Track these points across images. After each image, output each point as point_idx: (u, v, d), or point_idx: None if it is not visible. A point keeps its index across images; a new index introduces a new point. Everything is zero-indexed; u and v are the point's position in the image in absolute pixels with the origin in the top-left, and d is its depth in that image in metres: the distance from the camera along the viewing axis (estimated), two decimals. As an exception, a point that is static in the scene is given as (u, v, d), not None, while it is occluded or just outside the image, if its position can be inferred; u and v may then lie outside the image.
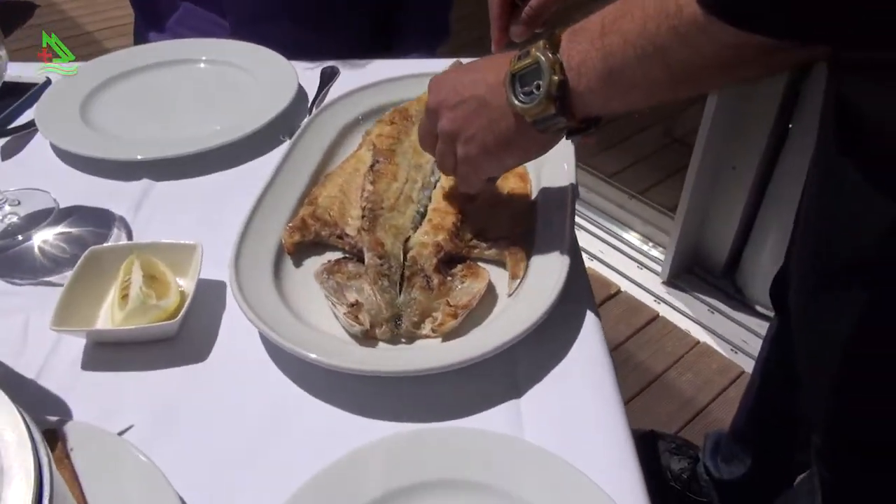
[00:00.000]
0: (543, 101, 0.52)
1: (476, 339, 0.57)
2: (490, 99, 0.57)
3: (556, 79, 0.51)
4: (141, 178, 0.80)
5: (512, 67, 0.55)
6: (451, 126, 0.60)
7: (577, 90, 0.52)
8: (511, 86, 0.55)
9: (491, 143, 0.58)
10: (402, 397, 0.56)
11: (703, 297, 1.80)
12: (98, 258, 0.64)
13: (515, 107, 0.54)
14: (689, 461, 1.35)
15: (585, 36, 0.51)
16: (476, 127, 0.58)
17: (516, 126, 0.56)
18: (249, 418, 0.56)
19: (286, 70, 0.94)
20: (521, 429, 0.54)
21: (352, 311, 0.58)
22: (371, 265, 0.62)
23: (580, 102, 0.52)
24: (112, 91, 0.94)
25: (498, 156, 0.59)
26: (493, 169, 0.62)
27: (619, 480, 0.51)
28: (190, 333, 0.62)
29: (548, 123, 0.55)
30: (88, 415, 0.55)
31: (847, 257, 0.69)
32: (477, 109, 0.58)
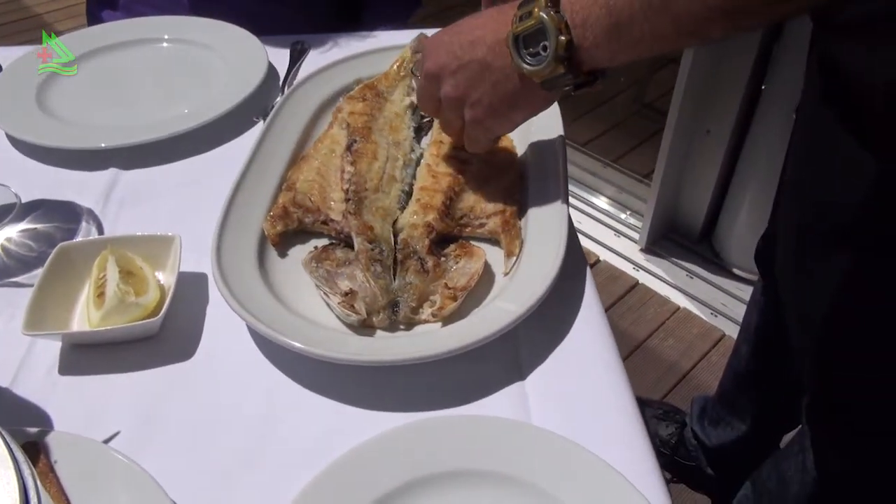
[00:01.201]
0: (552, 62, 0.52)
1: (477, 322, 0.55)
2: (492, 60, 0.57)
3: (563, 39, 0.51)
4: (108, 168, 0.76)
5: (514, 29, 0.54)
6: (456, 91, 0.60)
7: (583, 46, 0.51)
8: (515, 47, 0.54)
9: (497, 104, 0.58)
10: (402, 387, 0.54)
11: (681, 263, 1.81)
12: (69, 255, 0.61)
13: (523, 69, 0.54)
14: (677, 426, 1.36)
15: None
16: (481, 91, 0.58)
17: (522, 86, 0.56)
18: (242, 417, 0.53)
19: (255, 47, 0.90)
20: (528, 412, 0.52)
21: (346, 300, 0.55)
22: (362, 251, 0.59)
23: (587, 58, 0.52)
24: (71, 76, 0.88)
25: (506, 115, 0.60)
26: (502, 127, 0.63)
27: (631, 458, 0.49)
28: (173, 330, 0.59)
29: (556, 82, 0.54)
30: (71, 423, 0.52)
31: (835, 221, 0.69)
32: (480, 72, 0.58)
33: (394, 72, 0.80)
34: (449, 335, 0.54)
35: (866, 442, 0.82)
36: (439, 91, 0.61)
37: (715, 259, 1.80)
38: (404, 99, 0.78)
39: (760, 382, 1.12)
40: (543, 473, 0.47)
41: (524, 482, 0.47)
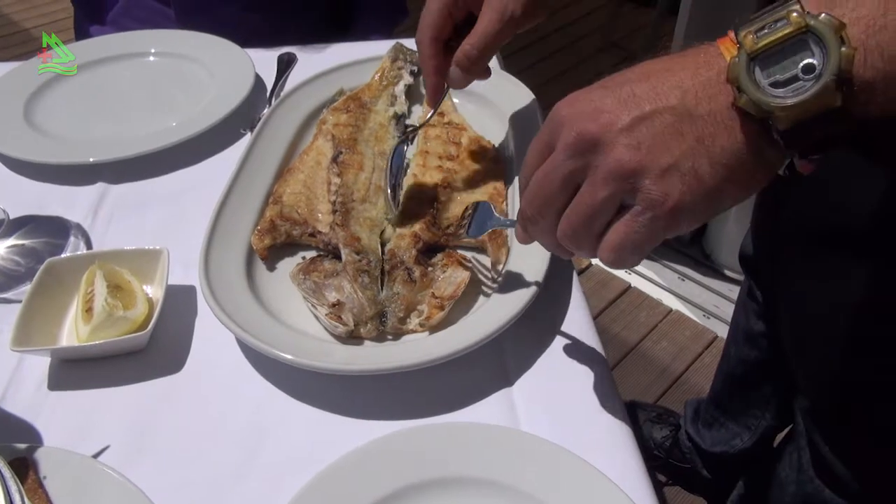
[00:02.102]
0: (830, 86, 0.34)
1: (464, 330, 0.55)
2: (694, 107, 0.38)
3: (847, 51, 0.34)
4: (96, 182, 0.76)
5: (750, 46, 0.36)
6: (633, 157, 0.38)
7: (863, 77, 0.34)
8: (749, 75, 0.36)
9: (706, 172, 0.38)
10: (391, 395, 0.55)
11: (672, 266, 1.81)
12: (57, 270, 0.61)
13: (767, 104, 0.35)
14: (671, 429, 1.36)
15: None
16: (677, 151, 0.38)
17: (747, 141, 0.37)
18: (232, 428, 0.53)
19: (241, 59, 0.90)
20: (516, 418, 0.53)
21: (334, 311, 0.56)
22: (349, 262, 0.59)
23: (864, 97, 0.35)
24: (56, 91, 0.89)
25: (717, 191, 0.38)
26: (696, 218, 0.40)
27: (619, 463, 0.50)
28: (162, 343, 0.59)
29: (812, 131, 0.36)
30: (60, 438, 0.52)
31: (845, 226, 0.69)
32: (675, 125, 0.38)
33: (376, 82, 0.81)
34: (436, 343, 0.54)
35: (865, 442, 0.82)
36: (591, 166, 0.40)
37: (706, 261, 1.81)
38: (388, 109, 0.78)
39: (751, 383, 1.13)
40: (532, 479, 0.47)
41: (513, 488, 0.47)
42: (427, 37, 0.60)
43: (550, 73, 2.56)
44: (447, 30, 0.61)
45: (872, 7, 0.34)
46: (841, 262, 0.70)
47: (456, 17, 0.60)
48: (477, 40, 0.59)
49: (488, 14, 0.58)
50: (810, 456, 0.89)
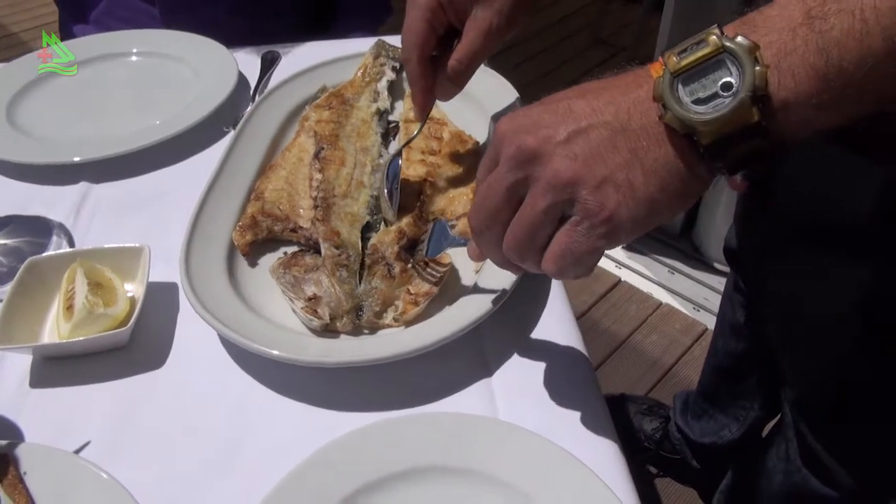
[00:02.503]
0: (746, 102, 0.36)
1: (439, 322, 0.55)
2: (627, 122, 0.40)
3: (760, 69, 0.36)
4: (79, 182, 0.76)
5: (673, 66, 0.38)
6: (570, 167, 0.40)
7: (777, 97, 0.36)
8: (672, 92, 0.38)
9: (640, 182, 0.39)
10: (372, 387, 0.55)
11: (662, 259, 1.82)
12: (38, 269, 0.61)
13: (689, 120, 0.37)
14: (661, 421, 1.37)
15: (773, 25, 0.37)
16: (613, 164, 0.39)
17: (676, 154, 0.39)
18: (214, 423, 0.54)
19: (225, 58, 0.90)
20: (495, 407, 0.53)
21: (310, 304, 0.56)
22: (328, 256, 0.60)
23: (779, 116, 0.37)
24: (39, 91, 0.89)
25: (651, 202, 0.40)
26: (634, 228, 0.41)
27: (597, 450, 0.50)
28: (144, 340, 0.59)
29: (730, 147, 0.38)
30: (42, 435, 0.53)
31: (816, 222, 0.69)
32: (609, 138, 0.40)
33: (358, 79, 0.81)
34: (414, 334, 0.55)
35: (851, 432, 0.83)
36: (531, 178, 0.41)
37: (695, 254, 1.82)
38: (370, 105, 0.78)
39: (738, 375, 1.14)
40: (510, 467, 0.48)
41: (492, 477, 0.47)
42: (415, 56, 0.61)
43: (540, 70, 2.57)
44: (432, 46, 0.61)
45: (782, 32, 0.36)
46: (825, 257, 0.71)
47: (438, 32, 0.61)
48: (464, 56, 0.60)
49: (473, 29, 0.59)
50: (797, 446, 0.90)
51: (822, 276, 0.72)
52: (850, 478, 0.84)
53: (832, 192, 0.69)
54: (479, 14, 0.59)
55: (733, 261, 1.05)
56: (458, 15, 0.60)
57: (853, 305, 0.70)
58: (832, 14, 0.35)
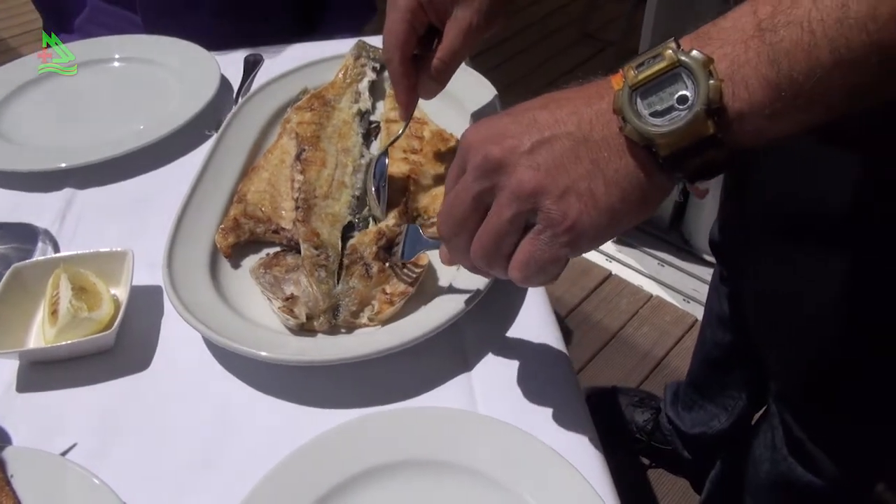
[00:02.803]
0: (700, 116, 0.37)
1: (417, 320, 0.56)
2: (589, 133, 0.41)
3: (714, 83, 0.37)
4: (63, 188, 0.77)
5: (631, 79, 0.39)
6: (534, 177, 0.41)
7: (732, 108, 0.37)
8: (631, 105, 0.39)
9: (601, 192, 0.40)
10: (353, 383, 0.56)
11: (652, 252, 1.83)
12: (23, 275, 0.62)
13: (648, 132, 0.38)
14: (652, 412, 1.38)
15: (726, 37, 0.38)
16: (575, 174, 0.40)
17: (637, 165, 0.40)
18: (198, 423, 0.55)
19: (207, 61, 0.91)
20: (474, 401, 0.54)
21: (287, 304, 0.57)
22: (307, 256, 0.61)
23: (734, 126, 0.38)
24: (22, 99, 0.89)
25: (612, 211, 0.41)
26: (596, 237, 0.42)
27: (575, 443, 0.51)
28: (128, 343, 0.60)
29: (688, 158, 0.39)
30: (29, 438, 0.53)
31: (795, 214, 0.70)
32: (572, 149, 0.41)
33: (339, 80, 0.82)
34: (393, 332, 0.56)
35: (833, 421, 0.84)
36: (497, 187, 0.42)
37: (685, 246, 1.83)
38: (352, 106, 0.79)
39: (726, 365, 1.15)
40: (489, 461, 0.49)
41: (471, 470, 0.48)
42: (396, 57, 0.62)
43: (529, 65, 2.58)
44: (413, 46, 0.62)
45: (736, 45, 0.37)
46: (802, 250, 0.71)
47: (419, 32, 0.62)
48: (445, 54, 0.61)
49: (454, 29, 0.60)
50: (783, 436, 0.91)
51: (799, 270, 0.73)
52: (834, 466, 0.86)
53: (806, 186, 0.70)
54: (459, 13, 0.60)
55: (717, 253, 1.06)
56: (439, 15, 0.61)
57: (830, 299, 0.71)
58: (782, 26, 0.36)
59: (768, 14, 0.36)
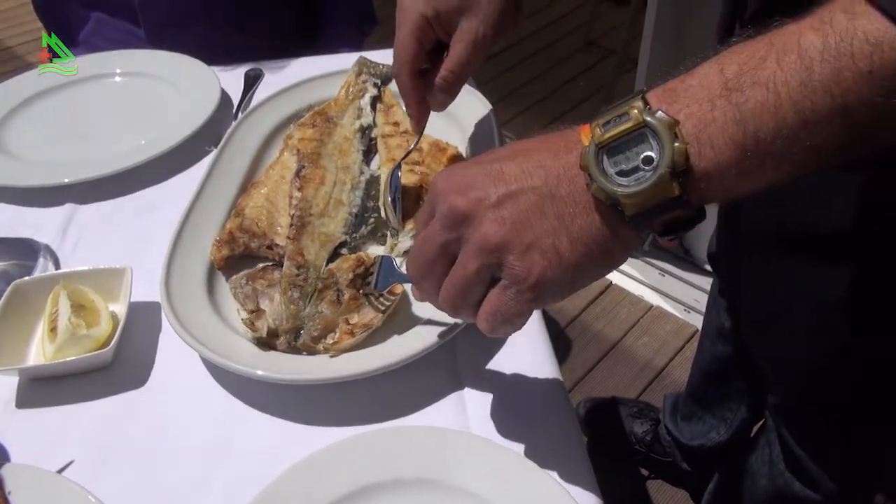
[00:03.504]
0: (665, 177, 0.37)
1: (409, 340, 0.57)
2: (555, 188, 0.41)
3: (679, 146, 0.37)
4: (64, 203, 0.77)
5: (598, 138, 0.39)
6: (498, 232, 0.41)
7: (698, 167, 0.37)
8: (597, 164, 0.39)
9: (566, 249, 0.40)
10: (348, 401, 0.56)
11: (653, 262, 1.83)
12: (23, 292, 0.63)
13: (613, 192, 0.38)
14: (651, 423, 1.38)
15: (693, 95, 0.38)
16: (540, 230, 0.40)
17: (602, 223, 0.40)
18: (195, 441, 0.55)
19: (207, 76, 0.92)
20: (467, 420, 0.54)
21: (251, 317, 0.58)
22: (286, 275, 0.61)
23: (701, 185, 0.38)
24: (24, 114, 0.90)
25: (576, 267, 0.41)
26: (559, 292, 0.42)
27: (567, 463, 0.51)
28: (126, 359, 0.61)
29: (655, 216, 0.39)
30: (27, 454, 0.54)
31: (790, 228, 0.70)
32: (537, 204, 0.41)
33: (342, 97, 0.82)
34: (387, 350, 0.56)
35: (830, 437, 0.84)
36: (463, 239, 0.42)
37: (685, 256, 1.83)
38: (354, 123, 0.80)
39: (725, 378, 1.15)
40: (481, 481, 0.49)
41: (462, 490, 0.49)
42: (405, 72, 0.62)
43: (531, 73, 2.58)
44: (421, 60, 0.63)
45: (703, 103, 0.37)
46: (798, 264, 0.72)
47: (427, 47, 0.63)
48: (454, 66, 0.61)
49: (460, 41, 0.61)
50: (780, 450, 0.91)
51: (796, 285, 0.73)
52: (831, 482, 0.86)
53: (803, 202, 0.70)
54: (465, 25, 0.61)
55: (715, 266, 1.07)
56: (445, 28, 0.62)
57: (827, 314, 0.71)
58: (747, 86, 0.36)
59: (734, 73, 0.36)
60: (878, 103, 0.34)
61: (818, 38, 0.34)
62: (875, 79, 0.33)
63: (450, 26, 0.61)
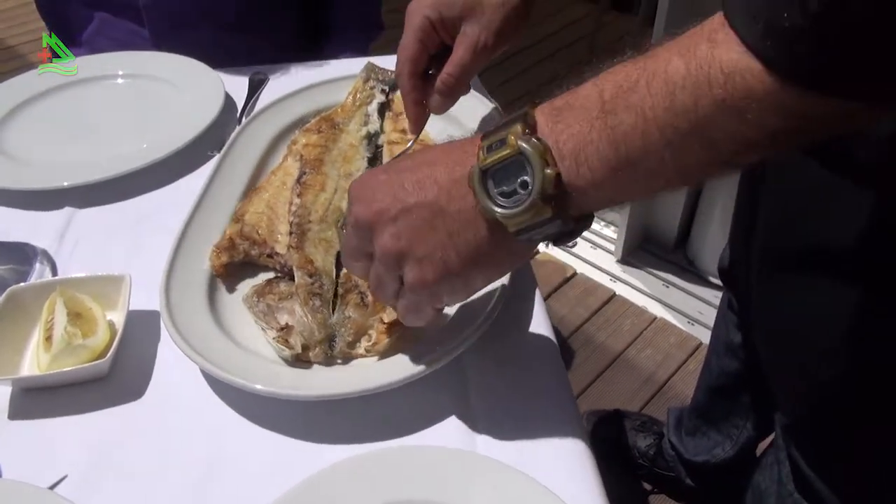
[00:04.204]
0: (537, 202, 0.40)
1: (416, 354, 0.55)
2: (447, 204, 0.44)
3: (550, 173, 0.40)
4: (63, 207, 0.76)
5: (481, 162, 0.42)
6: (395, 244, 0.45)
7: (575, 185, 0.41)
8: (482, 185, 0.42)
9: (454, 262, 0.45)
10: (352, 418, 0.55)
11: (657, 273, 1.82)
12: (18, 298, 0.61)
13: (493, 213, 0.42)
14: (655, 437, 1.36)
15: (575, 115, 0.41)
16: (431, 244, 0.45)
17: (489, 237, 0.44)
18: (193, 455, 0.53)
19: (211, 80, 0.90)
20: (474, 441, 0.53)
21: (282, 334, 0.56)
22: (301, 285, 0.59)
23: (579, 200, 0.41)
24: (25, 115, 0.88)
25: (465, 277, 0.46)
26: (454, 294, 0.48)
27: (579, 488, 0.50)
28: (123, 369, 0.59)
29: (536, 231, 0.42)
30: (19, 468, 0.52)
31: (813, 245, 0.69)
32: (429, 220, 0.44)
33: (349, 103, 0.81)
34: (393, 366, 0.54)
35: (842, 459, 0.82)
36: (372, 244, 0.47)
37: (689, 267, 1.82)
38: (360, 129, 0.78)
39: (732, 394, 1.13)
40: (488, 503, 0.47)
41: (469, 512, 0.47)
42: (406, 72, 0.64)
43: (537, 81, 2.57)
44: (423, 62, 0.64)
45: (583, 123, 0.40)
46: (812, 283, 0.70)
47: (431, 49, 0.64)
48: (454, 70, 0.63)
49: (462, 46, 0.62)
50: (790, 469, 0.89)
51: (811, 305, 0.71)
52: (842, 502, 0.84)
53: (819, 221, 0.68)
54: (468, 30, 0.61)
55: (727, 281, 1.05)
56: (449, 32, 0.62)
57: (842, 335, 0.69)
58: (621, 110, 0.38)
59: (610, 96, 0.39)
60: (733, 129, 0.36)
61: (682, 65, 0.36)
62: (728, 106, 0.35)
63: (454, 30, 0.62)
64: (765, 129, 0.35)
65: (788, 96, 0.34)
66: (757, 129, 0.35)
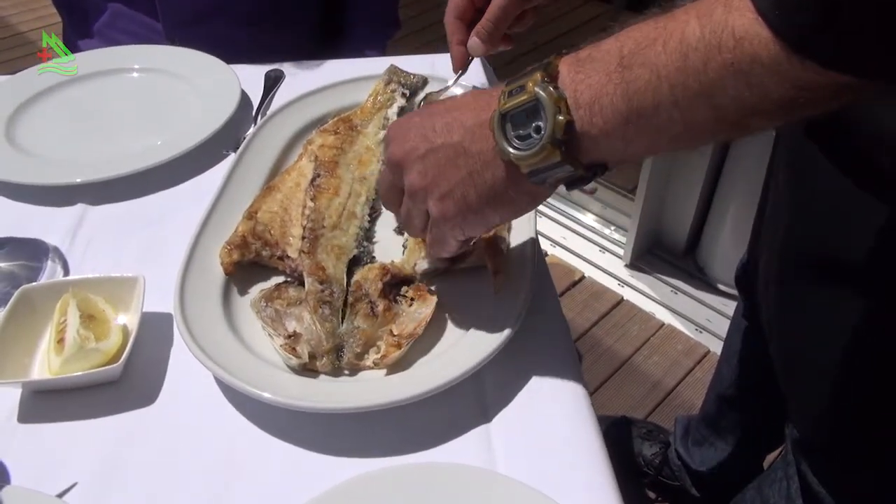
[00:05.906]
0: (547, 146, 0.43)
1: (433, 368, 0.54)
2: (469, 145, 0.48)
3: (561, 119, 0.42)
4: (76, 203, 0.75)
5: (501, 106, 0.45)
6: (422, 181, 0.50)
7: (588, 133, 0.43)
8: (501, 128, 0.46)
9: (473, 199, 0.49)
10: (369, 429, 0.54)
11: (665, 279, 1.81)
12: (30, 298, 0.60)
13: (508, 154, 0.45)
14: (661, 446, 1.35)
15: (596, 67, 0.43)
16: (453, 181, 0.49)
17: (506, 177, 0.47)
18: (205, 464, 0.52)
19: (227, 76, 0.89)
20: (493, 458, 0.52)
21: (289, 342, 0.55)
22: (311, 292, 0.58)
23: (591, 147, 0.44)
24: (38, 108, 0.87)
25: (482, 213, 0.49)
26: (474, 228, 0.52)
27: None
28: (136, 374, 0.58)
29: (548, 174, 0.45)
30: (28, 474, 0.51)
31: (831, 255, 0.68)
32: (453, 159, 0.48)
33: (368, 105, 0.80)
34: (409, 379, 0.53)
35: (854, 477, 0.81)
36: (403, 181, 0.52)
37: (699, 274, 1.80)
38: (378, 132, 0.77)
39: (742, 405, 1.12)
40: (507, 523, 0.46)
41: (487, 533, 0.46)
42: (451, 17, 0.72)
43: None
44: (469, 12, 0.72)
45: (601, 76, 0.42)
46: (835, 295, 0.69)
47: (477, 3, 0.71)
48: (491, 13, 0.69)
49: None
50: (799, 485, 0.88)
51: (829, 311, 0.70)
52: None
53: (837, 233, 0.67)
54: None
55: (742, 288, 1.04)
56: None
57: (861, 345, 0.68)
58: (637, 66, 0.40)
59: (629, 52, 0.41)
60: (738, 94, 0.37)
61: (698, 28, 0.38)
62: (735, 70, 0.37)
63: None
64: (768, 96, 0.37)
65: (791, 66, 0.35)
66: (760, 96, 0.37)
